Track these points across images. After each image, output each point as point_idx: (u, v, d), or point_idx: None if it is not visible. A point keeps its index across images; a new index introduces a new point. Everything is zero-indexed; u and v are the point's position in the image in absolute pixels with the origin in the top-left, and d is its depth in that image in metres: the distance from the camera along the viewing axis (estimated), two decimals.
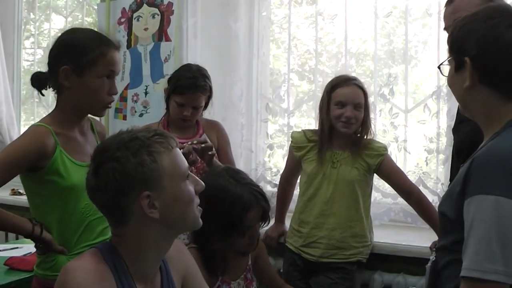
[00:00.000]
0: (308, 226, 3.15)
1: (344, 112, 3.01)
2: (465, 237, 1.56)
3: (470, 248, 1.54)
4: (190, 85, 3.05)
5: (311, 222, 3.14)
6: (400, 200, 3.32)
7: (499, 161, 1.56)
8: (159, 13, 3.97)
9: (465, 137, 2.29)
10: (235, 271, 2.53)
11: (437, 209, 1.82)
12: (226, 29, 3.73)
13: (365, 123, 3.09)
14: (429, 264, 1.91)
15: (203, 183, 1.78)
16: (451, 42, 1.75)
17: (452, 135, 2.64)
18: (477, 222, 1.53)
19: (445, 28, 2.29)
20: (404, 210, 3.43)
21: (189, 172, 1.76)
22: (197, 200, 1.75)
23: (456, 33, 1.74)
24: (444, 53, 3.19)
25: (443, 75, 1.84)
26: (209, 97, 3.15)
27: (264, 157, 3.86)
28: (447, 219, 1.68)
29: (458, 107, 2.43)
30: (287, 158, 3.37)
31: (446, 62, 1.79)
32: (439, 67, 1.87)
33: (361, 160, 3.09)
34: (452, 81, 1.77)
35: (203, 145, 2.80)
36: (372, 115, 3.21)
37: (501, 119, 1.68)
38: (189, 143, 2.79)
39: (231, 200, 2.34)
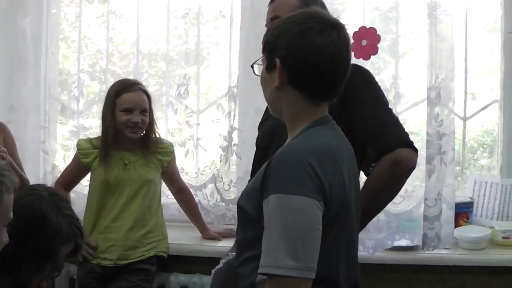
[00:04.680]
0: (104, 231, 3.12)
1: (131, 118, 3.04)
2: (263, 234, 1.61)
3: (266, 245, 1.59)
4: None
5: (108, 226, 3.12)
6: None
7: (292, 161, 1.61)
8: None
9: (266, 133, 2.40)
10: None
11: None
12: (13, 25, 3.55)
13: (151, 125, 3.16)
14: (219, 266, 1.98)
15: None
16: (265, 42, 1.80)
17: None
18: (272, 220, 1.58)
19: (266, 25, 2.37)
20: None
21: None
22: None
23: (270, 34, 1.79)
24: (236, 55, 3.35)
25: (256, 74, 1.87)
26: None
27: (54, 161, 3.73)
28: (247, 214, 1.71)
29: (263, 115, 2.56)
30: (70, 165, 3.29)
31: (260, 61, 1.83)
32: (252, 66, 1.89)
33: (155, 159, 3.18)
34: (263, 80, 1.81)
35: None
36: (163, 115, 3.27)
37: (305, 121, 1.75)
38: None
39: (51, 232, 2.14)
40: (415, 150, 2.19)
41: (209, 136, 3.55)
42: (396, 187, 2.23)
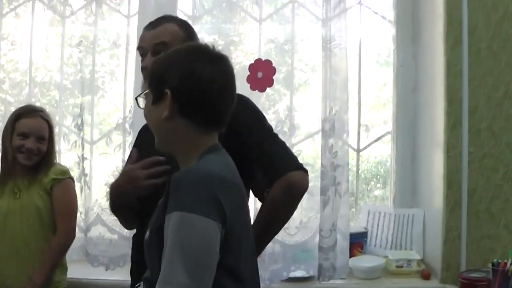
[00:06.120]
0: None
1: (25, 143, 2.93)
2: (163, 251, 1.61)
3: (164, 262, 1.58)
4: None
5: (3, 256, 2.93)
6: None
7: (195, 181, 1.63)
8: None
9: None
10: None
11: None
12: None
13: (49, 155, 3.03)
14: None
15: None
16: (151, 75, 1.80)
17: None
18: (172, 237, 1.58)
19: (138, 48, 2.33)
20: None
21: None
22: None
23: (157, 66, 1.81)
24: (131, 85, 3.29)
25: (140, 107, 1.87)
26: None
27: None
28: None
29: (136, 139, 2.51)
30: None
31: (143, 95, 1.83)
32: (136, 99, 1.89)
33: (41, 184, 3.00)
34: (150, 113, 1.81)
35: None
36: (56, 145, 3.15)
37: (196, 150, 1.77)
38: None
39: None
40: (306, 172, 2.22)
41: (99, 171, 3.43)
42: (291, 209, 2.24)
